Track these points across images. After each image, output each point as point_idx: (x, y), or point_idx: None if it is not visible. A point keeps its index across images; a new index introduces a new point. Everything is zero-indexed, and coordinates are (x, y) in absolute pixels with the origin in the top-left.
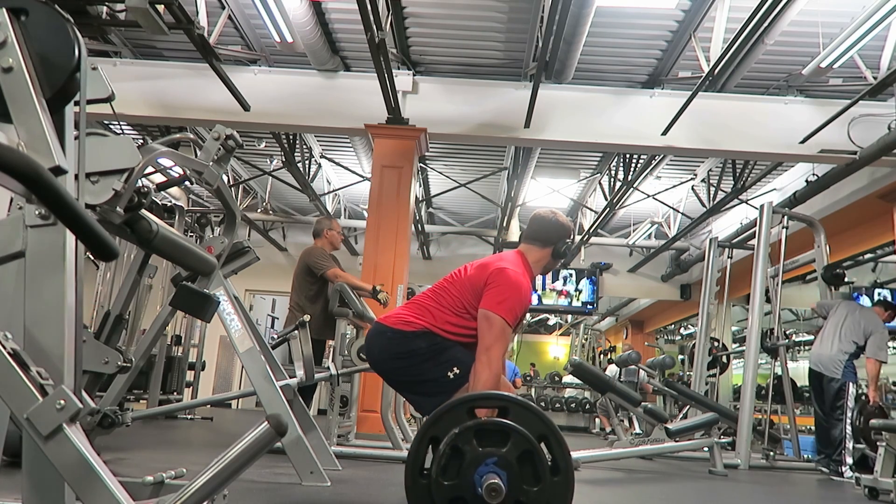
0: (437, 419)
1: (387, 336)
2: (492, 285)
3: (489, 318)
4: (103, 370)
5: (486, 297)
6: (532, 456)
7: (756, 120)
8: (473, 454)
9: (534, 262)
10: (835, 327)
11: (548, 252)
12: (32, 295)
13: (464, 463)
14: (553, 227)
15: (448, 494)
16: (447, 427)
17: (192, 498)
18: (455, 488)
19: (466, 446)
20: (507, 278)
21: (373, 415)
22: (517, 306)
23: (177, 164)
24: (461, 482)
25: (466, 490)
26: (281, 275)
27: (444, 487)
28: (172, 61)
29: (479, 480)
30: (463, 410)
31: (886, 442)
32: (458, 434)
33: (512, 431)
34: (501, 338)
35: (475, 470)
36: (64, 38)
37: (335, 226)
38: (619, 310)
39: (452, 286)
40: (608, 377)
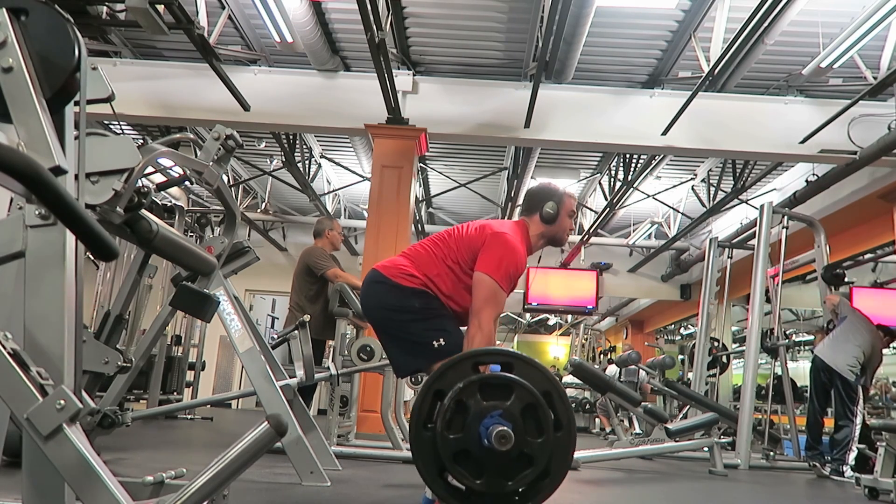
0: (442, 373)
1: (386, 286)
2: (487, 248)
3: (482, 281)
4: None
5: (480, 259)
6: (536, 410)
7: (756, 120)
8: (478, 407)
9: (533, 235)
10: (847, 332)
11: (538, 219)
12: (32, 295)
13: (468, 416)
14: (538, 193)
15: (453, 447)
16: (452, 381)
17: (192, 498)
18: (460, 441)
19: (471, 400)
20: (503, 242)
21: (373, 415)
22: (511, 271)
23: (177, 164)
24: (466, 435)
25: (471, 442)
26: (281, 275)
27: (449, 440)
28: (172, 61)
29: (484, 432)
30: (468, 365)
31: (886, 442)
32: (462, 388)
33: (516, 385)
34: (493, 300)
35: (480, 422)
36: (64, 38)
37: (336, 226)
38: (619, 310)
39: (450, 238)
40: (608, 377)
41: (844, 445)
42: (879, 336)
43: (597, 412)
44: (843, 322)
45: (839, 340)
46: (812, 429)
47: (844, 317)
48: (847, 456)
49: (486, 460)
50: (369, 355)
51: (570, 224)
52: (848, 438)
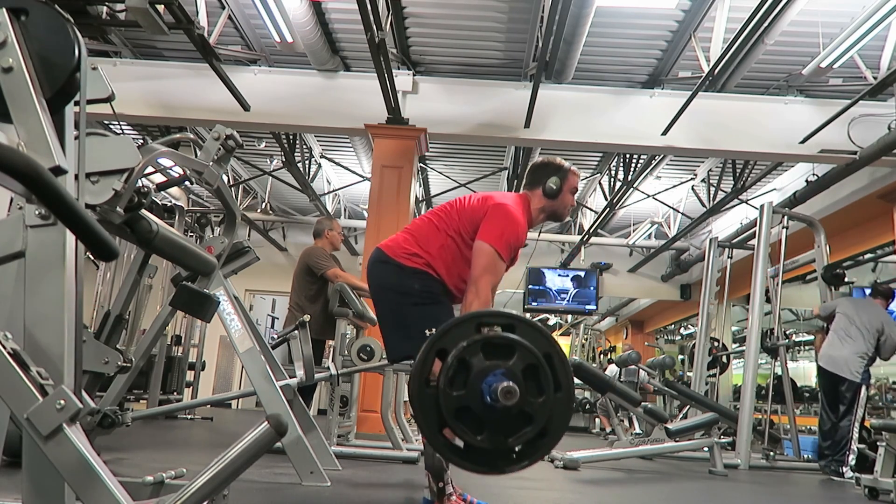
0: (445, 332)
1: (389, 266)
2: (489, 218)
3: (482, 249)
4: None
5: (482, 229)
6: (537, 371)
7: (756, 120)
8: (481, 366)
9: (534, 209)
10: (846, 328)
11: (540, 193)
12: (32, 295)
13: (471, 374)
14: (542, 167)
15: (455, 404)
16: (455, 340)
17: (192, 498)
18: (462, 398)
19: (474, 359)
20: (505, 213)
21: (373, 415)
22: (512, 241)
23: (177, 164)
24: (469, 392)
25: (474, 400)
26: (281, 275)
27: (452, 397)
28: (172, 61)
29: (487, 390)
30: (471, 326)
31: (886, 442)
32: (466, 347)
33: (518, 346)
34: (491, 269)
35: (483, 380)
36: (64, 38)
37: (336, 226)
38: (619, 310)
39: (452, 209)
40: (608, 377)
41: (843, 446)
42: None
43: (597, 412)
44: (835, 323)
45: (835, 341)
46: (826, 435)
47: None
48: (846, 457)
49: (487, 417)
50: (369, 355)
51: (571, 200)
52: (846, 439)
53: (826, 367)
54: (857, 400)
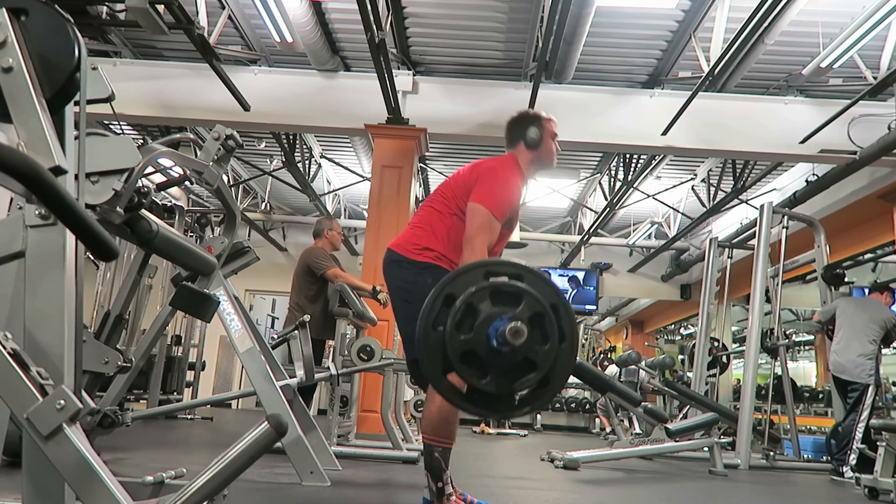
0: (454, 278)
1: (402, 265)
2: (481, 181)
3: (474, 209)
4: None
5: (474, 192)
6: (543, 319)
7: (756, 120)
8: (488, 311)
9: (523, 165)
10: (849, 330)
11: (523, 146)
12: (32, 295)
13: (478, 319)
14: (518, 121)
15: (461, 347)
16: (464, 286)
17: (192, 498)
18: (469, 342)
19: (481, 304)
20: (496, 174)
21: (373, 415)
22: (504, 199)
23: (177, 164)
24: (475, 336)
25: (480, 344)
26: (281, 275)
27: (459, 341)
28: (172, 61)
29: (493, 334)
30: (480, 273)
31: (886, 442)
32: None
33: (526, 294)
34: (486, 228)
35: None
36: (64, 38)
37: (335, 226)
38: (619, 310)
39: (448, 188)
40: (608, 377)
41: (845, 445)
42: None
43: (597, 412)
44: (837, 326)
45: (841, 345)
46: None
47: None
48: (848, 456)
49: (492, 361)
50: (369, 355)
51: (554, 146)
52: (849, 438)
53: (836, 374)
54: (863, 400)
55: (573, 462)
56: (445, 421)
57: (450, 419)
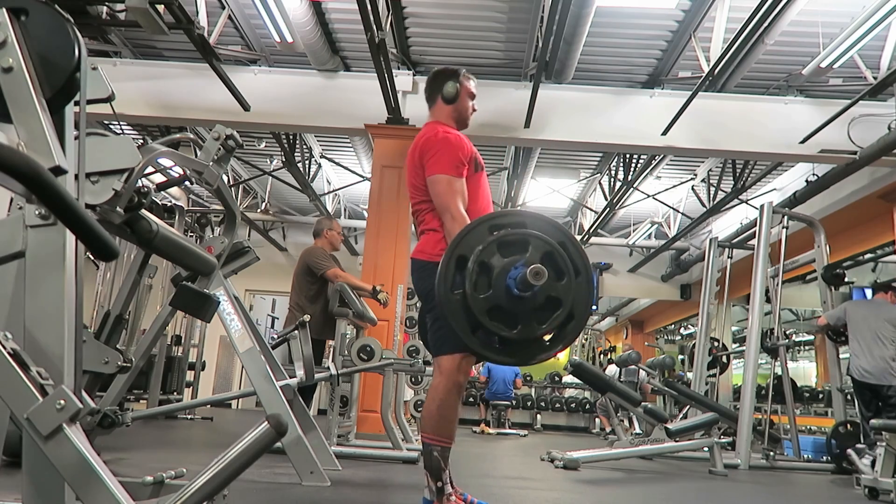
0: (461, 239)
1: (428, 269)
2: (424, 156)
3: (433, 182)
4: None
5: (426, 168)
6: (554, 256)
7: (756, 120)
8: (501, 264)
9: (444, 120)
10: (867, 333)
11: (440, 101)
12: (32, 295)
13: (493, 275)
14: (435, 77)
15: (485, 305)
16: (472, 245)
17: (192, 498)
18: (490, 299)
19: (493, 259)
20: (429, 142)
21: (373, 415)
22: (452, 157)
23: (177, 164)
24: (495, 292)
25: (501, 297)
26: (281, 275)
27: (480, 300)
28: (172, 61)
29: (513, 284)
30: (484, 229)
31: (886, 442)
32: (483, 249)
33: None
34: (451, 192)
35: (506, 277)
36: (64, 38)
37: (335, 226)
38: (619, 310)
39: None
40: (608, 377)
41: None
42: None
43: (597, 412)
44: (851, 330)
45: (861, 349)
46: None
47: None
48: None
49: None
50: (369, 355)
51: (470, 105)
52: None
53: (864, 380)
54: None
55: (573, 462)
56: (445, 419)
57: (450, 418)
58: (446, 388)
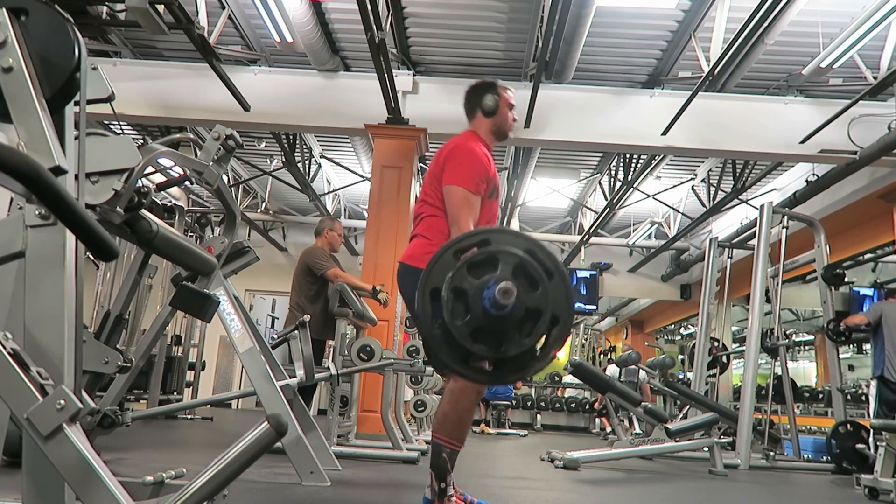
0: (429, 273)
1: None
2: (447, 164)
3: (449, 191)
4: (103, 370)
5: (445, 175)
6: (524, 268)
7: (756, 120)
8: (473, 286)
9: (483, 134)
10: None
11: (481, 115)
12: (32, 295)
13: (469, 298)
14: (474, 90)
15: (467, 331)
16: (441, 275)
17: (192, 498)
18: (471, 323)
19: (465, 283)
20: (457, 151)
21: (373, 415)
22: (474, 173)
23: (177, 164)
24: (474, 315)
25: (481, 319)
26: (281, 275)
27: (461, 326)
28: (172, 61)
29: (488, 304)
30: (449, 255)
31: (886, 442)
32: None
33: (498, 253)
34: (465, 206)
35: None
36: (64, 38)
37: (337, 227)
38: (619, 310)
39: (428, 187)
40: (608, 377)
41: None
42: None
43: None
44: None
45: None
46: None
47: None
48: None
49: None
50: (369, 355)
51: (511, 115)
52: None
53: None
54: None
55: (573, 462)
56: (460, 423)
57: (464, 421)
58: (463, 390)
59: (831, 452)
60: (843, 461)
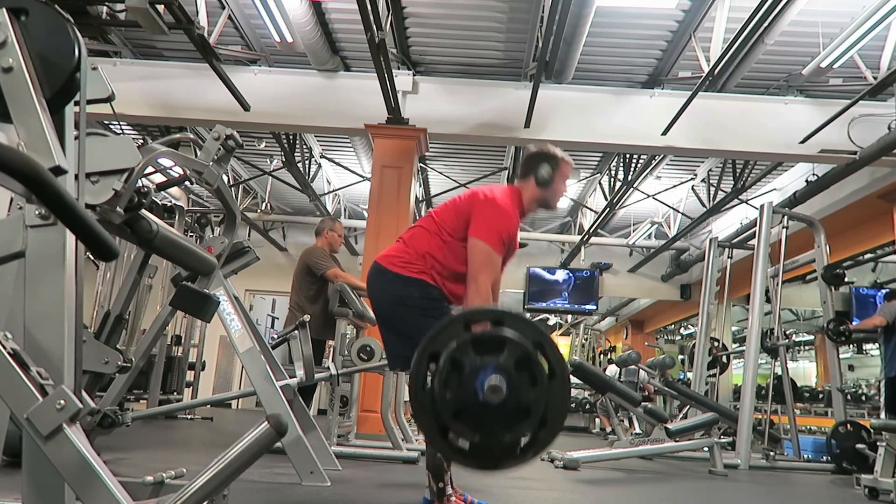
0: (436, 335)
1: (387, 278)
2: (479, 212)
3: (476, 246)
4: (103, 370)
5: (473, 224)
6: (528, 361)
7: (756, 120)
8: (472, 365)
9: (527, 199)
10: None
11: (533, 182)
12: (32, 295)
13: (464, 374)
14: (535, 156)
15: (452, 406)
16: (445, 342)
17: (192, 498)
18: (458, 399)
19: (465, 358)
20: (494, 205)
21: (373, 415)
22: (503, 232)
23: (177, 164)
24: (464, 393)
25: (469, 400)
26: (281, 275)
27: (448, 400)
28: (172, 61)
29: (480, 388)
30: (460, 325)
31: (886, 442)
32: (456, 347)
33: (507, 340)
34: (488, 265)
35: (475, 379)
36: (64, 38)
37: (337, 228)
38: (619, 310)
39: (444, 212)
40: (608, 377)
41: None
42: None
43: (597, 412)
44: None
45: None
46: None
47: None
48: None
49: (485, 415)
50: (369, 355)
51: (563, 189)
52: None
53: None
54: None
55: (573, 462)
56: None
57: None
58: None
59: (831, 452)
60: (843, 461)
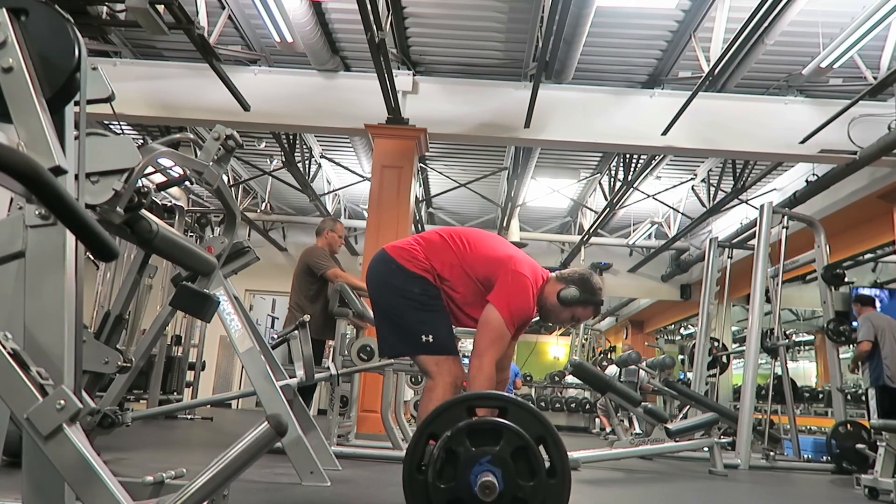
0: (435, 416)
1: (390, 267)
2: (504, 282)
3: (491, 320)
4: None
5: (496, 291)
6: (526, 453)
7: (756, 120)
8: (468, 454)
9: (545, 294)
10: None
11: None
12: (32, 295)
13: (459, 464)
14: (580, 279)
15: (445, 497)
16: (445, 425)
17: (192, 498)
18: (452, 490)
19: (460, 447)
20: (522, 283)
21: (373, 415)
22: (519, 315)
23: (177, 164)
24: (458, 484)
25: (463, 491)
26: (281, 275)
27: (441, 490)
28: (172, 61)
29: (474, 481)
30: (462, 409)
31: (886, 442)
32: (451, 436)
33: (504, 429)
34: (498, 342)
35: (470, 470)
36: (64, 38)
37: (338, 228)
38: (619, 310)
39: (471, 245)
40: (608, 377)
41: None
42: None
43: (597, 412)
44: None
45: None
46: None
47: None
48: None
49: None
50: (369, 355)
51: (568, 320)
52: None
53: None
54: None
55: (573, 462)
56: None
57: None
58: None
59: (831, 452)
60: (843, 461)
